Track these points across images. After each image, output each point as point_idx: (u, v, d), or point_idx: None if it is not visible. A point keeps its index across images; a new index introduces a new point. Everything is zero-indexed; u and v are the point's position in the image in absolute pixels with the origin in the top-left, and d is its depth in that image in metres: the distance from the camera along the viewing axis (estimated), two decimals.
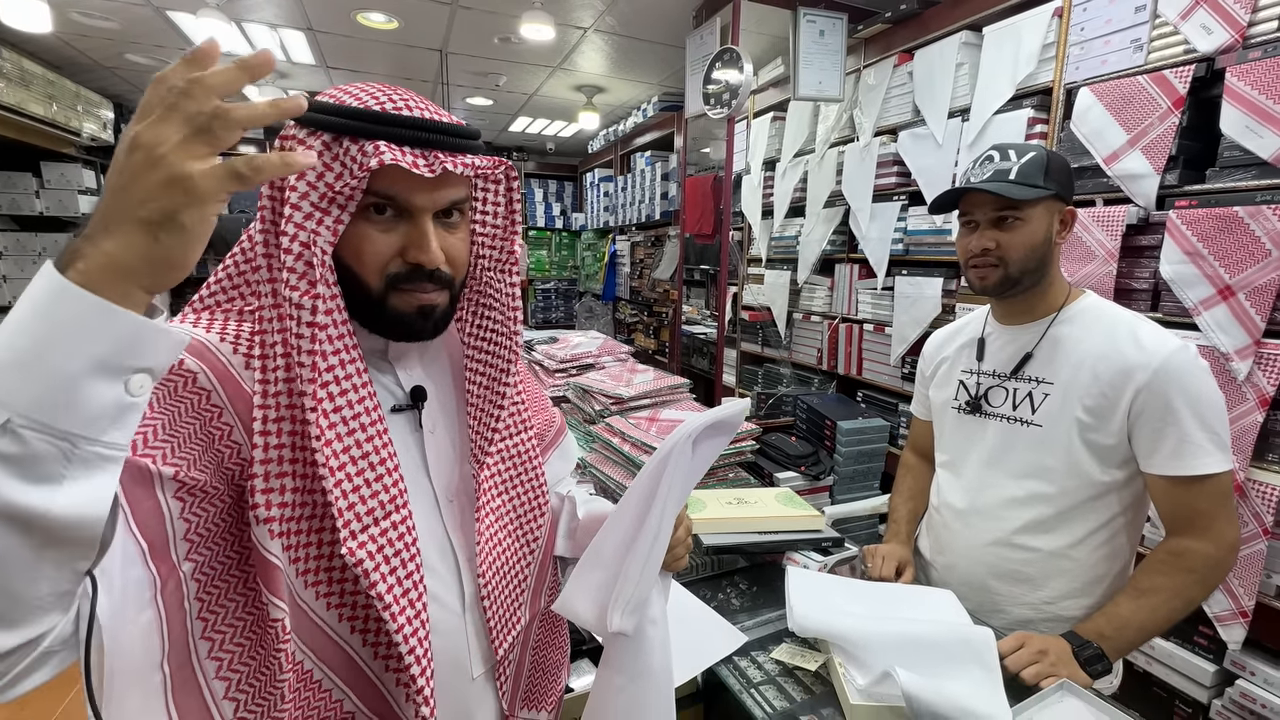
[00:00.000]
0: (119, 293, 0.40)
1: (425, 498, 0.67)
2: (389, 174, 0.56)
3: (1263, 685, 1.47)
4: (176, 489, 0.51)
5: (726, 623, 1.04)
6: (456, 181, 0.61)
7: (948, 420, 1.25)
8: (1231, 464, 0.98)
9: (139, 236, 0.40)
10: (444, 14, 3.09)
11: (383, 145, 0.55)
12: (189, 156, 0.40)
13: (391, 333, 0.64)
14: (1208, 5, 1.51)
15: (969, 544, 1.18)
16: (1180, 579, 0.99)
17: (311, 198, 0.56)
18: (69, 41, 3.52)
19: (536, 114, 5.13)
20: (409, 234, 0.60)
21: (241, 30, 3.32)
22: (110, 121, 4.29)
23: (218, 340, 0.57)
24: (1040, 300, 1.12)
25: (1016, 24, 1.96)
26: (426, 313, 0.62)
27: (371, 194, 0.57)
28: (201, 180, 0.40)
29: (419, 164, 0.56)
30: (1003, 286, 1.09)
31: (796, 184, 2.99)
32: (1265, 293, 1.40)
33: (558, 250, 6.66)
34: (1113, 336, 1.04)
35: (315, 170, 0.56)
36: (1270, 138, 1.38)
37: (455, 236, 0.63)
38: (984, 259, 1.08)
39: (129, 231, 0.40)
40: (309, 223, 0.56)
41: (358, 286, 0.60)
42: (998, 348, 1.18)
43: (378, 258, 0.59)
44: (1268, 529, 1.42)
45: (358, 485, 0.57)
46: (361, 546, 0.56)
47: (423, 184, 0.58)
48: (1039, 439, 1.09)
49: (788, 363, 3.20)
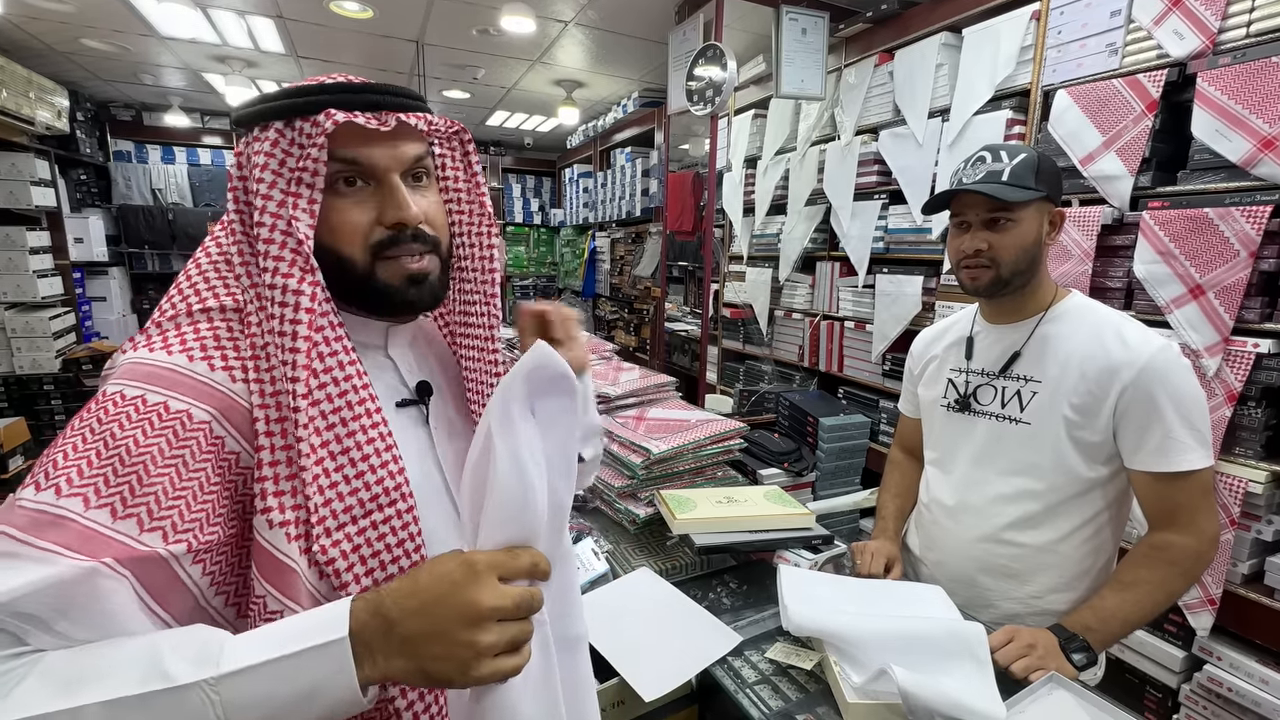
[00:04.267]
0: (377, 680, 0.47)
1: (438, 492, 0.66)
2: (346, 139, 0.57)
3: (1229, 670, 1.53)
4: (194, 559, 0.51)
5: (720, 623, 1.04)
6: (413, 136, 0.61)
7: (937, 418, 1.26)
8: (1212, 460, 1.01)
9: (419, 677, 0.47)
10: (421, 4, 3.02)
11: (332, 110, 0.55)
12: (493, 660, 0.47)
13: (386, 309, 0.63)
14: (1180, 11, 1.55)
15: (958, 540, 1.20)
16: (1163, 572, 1.01)
17: (279, 185, 0.56)
18: (20, 25, 3.35)
19: (515, 108, 5.07)
20: (382, 199, 0.59)
21: (207, 16, 3.20)
22: (65, 109, 4.10)
23: (188, 362, 0.54)
24: (1029, 300, 1.13)
25: (995, 26, 1.99)
26: (417, 279, 0.61)
27: (335, 162, 0.57)
28: (488, 675, 0.47)
29: (372, 120, 0.57)
30: (994, 287, 1.10)
31: (778, 182, 3.01)
32: (1234, 292, 1.45)
33: (536, 246, 6.60)
34: (1099, 336, 1.06)
35: (275, 158, 0.56)
36: (1239, 141, 1.43)
37: (427, 198, 0.63)
38: (976, 260, 1.09)
39: (412, 672, 0.46)
40: (283, 209, 0.56)
41: (342, 266, 0.59)
42: (986, 346, 1.19)
43: (356, 229, 0.59)
44: (1235, 520, 1.47)
45: (335, 481, 0.55)
46: (335, 545, 0.55)
47: (381, 141, 0.58)
48: (1027, 436, 1.10)
49: (769, 360, 3.22)
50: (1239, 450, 1.49)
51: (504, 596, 0.47)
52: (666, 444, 1.33)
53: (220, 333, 0.57)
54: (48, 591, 0.44)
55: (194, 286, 0.60)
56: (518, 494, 0.51)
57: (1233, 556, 1.50)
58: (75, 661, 0.44)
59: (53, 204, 3.92)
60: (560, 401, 0.57)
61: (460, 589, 0.47)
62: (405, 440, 0.62)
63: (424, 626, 0.46)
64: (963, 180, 1.09)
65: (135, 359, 0.54)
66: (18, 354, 3.71)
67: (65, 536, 0.46)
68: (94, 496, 0.48)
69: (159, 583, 0.49)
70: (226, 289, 0.59)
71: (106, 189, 5.15)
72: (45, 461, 0.49)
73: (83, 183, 4.87)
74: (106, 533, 0.47)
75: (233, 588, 0.55)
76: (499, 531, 0.52)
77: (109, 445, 0.49)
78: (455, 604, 0.46)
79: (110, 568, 0.46)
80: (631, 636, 0.98)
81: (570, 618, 0.65)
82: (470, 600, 0.46)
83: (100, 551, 0.46)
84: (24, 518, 0.46)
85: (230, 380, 0.55)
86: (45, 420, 3.75)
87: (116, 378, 0.53)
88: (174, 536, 0.49)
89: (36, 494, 0.47)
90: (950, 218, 1.15)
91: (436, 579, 0.48)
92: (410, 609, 0.46)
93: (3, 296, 3.64)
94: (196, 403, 0.52)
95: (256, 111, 0.57)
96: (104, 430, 0.49)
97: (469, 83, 4.36)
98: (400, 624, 0.46)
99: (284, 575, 0.52)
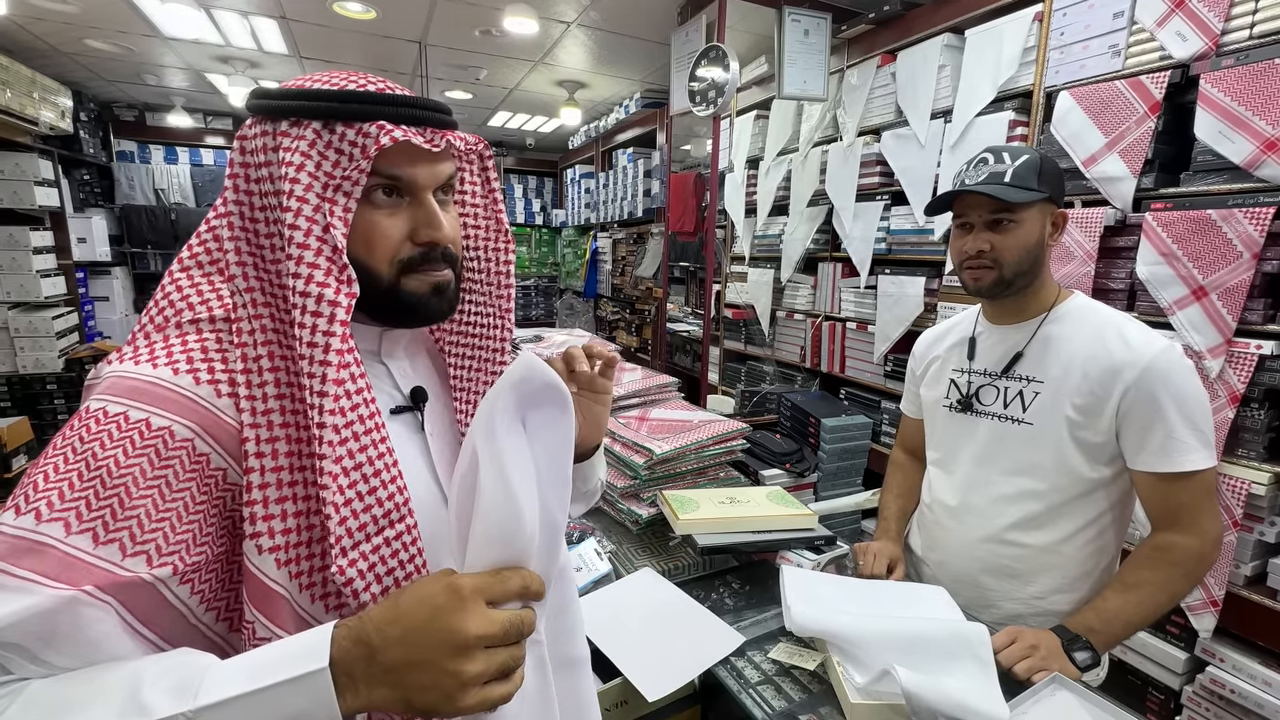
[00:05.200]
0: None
1: (434, 503, 0.64)
2: (391, 153, 0.55)
3: (1231, 671, 1.53)
4: (180, 580, 0.50)
5: (723, 623, 1.04)
6: (450, 157, 0.60)
7: (939, 419, 1.26)
8: (1215, 460, 1.01)
9: (403, 707, 0.45)
10: (424, 5, 3.03)
11: (387, 124, 0.53)
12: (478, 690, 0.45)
13: (406, 319, 0.61)
14: (1183, 13, 1.55)
15: (961, 541, 1.20)
16: (1166, 573, 1.01)
17: (315, 189, 0.53)
18: (24, 25, 3.36)
19: (517, 109, 5.07)
20: (415, 214, 0.58)
21: (210, 17, 3.21)
22: (69, 110, 4.11)
23: (171, 375, 0.52)
24: (1032, 300, 1.13)
25: (998, 27, 1.99)
26: (441, 289, 0.60)
27: (376, 175, 0.56)
28: (475, 705, 0.45)
29: (424, 140, 0.55)
30: (997, 288, 1.10)
31: (780, 183, 3.01)
32: (1236, 293, 1.45)
33: (538, 246, 6.61)
34: (1101, 336, 1.06)
35: (313, 160, 0.53)
36: (1242, 143, 1.43)
37: (451, 214, 0.63)
38: (979, 261, 1.09)
39: (396, 702, 0.45)
40: (319, 215, 0.53)
41: (368, 277, 0.57)
42: (988, 346, 1.19)
43: (388, 243, 0.57)
44: (1237, 521, 1.47)
45: (350, 499, 0.53)
46: (352, 565, 0.53)
47: (425, 160, 0.57)
48: (1030, 437, 1.10)
49: (771, 360, 3.22)
50: (1242, 452, 1.49)
51: (491, 623, 0.46)
52: (669, 444, 1.33)
53: (209, 344, 0.55)
54: (30, 622, 0.43)
55: (181, 292, 0.58)
56: (506, 513, 0.49)
57: (1235, 558, 1.50)
58: (56, 691, 0.43)
59: (56, 204, 3.93)
60: (550, 413, 0.54)
61: (444, 615, 0.45)
62: (402, 450, 0.60)
63: (407, 655, 0.44)
64: (965, 181, 1.10)
65: (119, 372, 0.52)
66: (21, 353, 3.72)
67: (44, 564, 0.45)
68: (75, 521, 0.46)
69: (145, 606, 0.48)
70: (217, 295, 0.57)
71: (110, 189, 5.16)
72: (27, 484, 0.48)
73: (86, 183, 4.88)
74: (88, 559, 0.46)
75: (223, 603, 0.54)
76: (487, 551, 0.49)
77: (90, 467, 0.48)
78: (439, 631, 0.45)
79: (92, 595, 0.45)
80: (634, 637, 0.98)
81: (569, 638, 0.62)
82: (455, 628, 0.45)
83: (80, 579, 0.45)
84: (4, 545, 0.45)
85: (216, 395, 0.53)
86: (48, 419, 3.76)
87: (100, 392, 0.51)
88: (158, 560, 0.48)
89: (16, 518, 0.46)
90: (953, 219, 1.15)
91: (418, 603, 0.46)
92: (393, 637, 0.45)
93: (6, 296, 3.65)
94: (178, 418, 0.51)
95: (293, 107, 0.53)
96: (85, 450, 0.48)
97: (471, 83, 4.37)
98: (382, 652, 0.45)
99: (272, 602, 0.51)
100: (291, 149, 0.53)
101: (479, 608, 0.46)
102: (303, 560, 0.54)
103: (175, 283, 0.58)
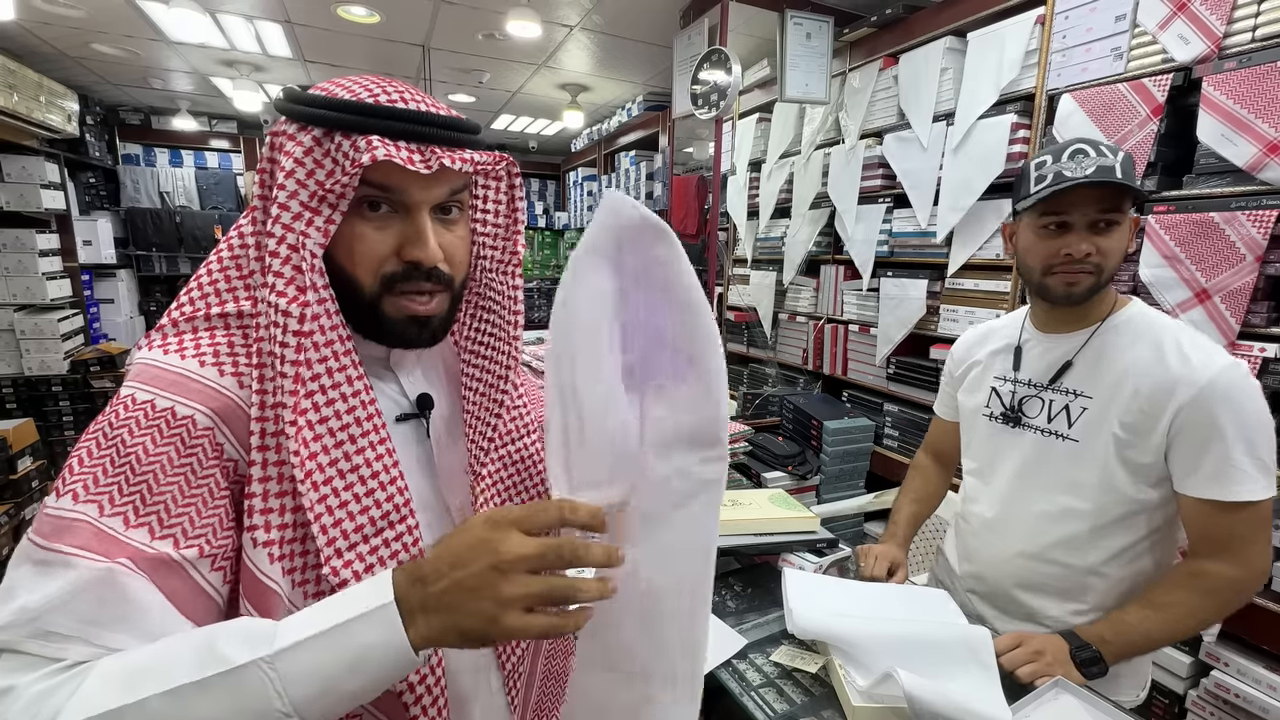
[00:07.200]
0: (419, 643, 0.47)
1: (436, 510, 0.64)
2: (384, 166, 0.54)
3: (1236, 676, 1.52)
4: (211, 565, 0.51)
5: (725, 625, 1.04)
6: (455, 175, 0.58)
7: (979, 427, 1.21)
8: (1275, 491, 0.93)
9: (455, 635, 0.47)
10: (427, 9, 3.04)
11: (375, 140, 0.52)
12: (521, 614, 0.47)
13: (387, 339, 0.61)
14: (1185, 16, 1.55)
15: (998, 554, 1.15)
16: (1198, 600, 0.96)
17: (300, 196, 0.53)
18: (31, 30, 3.39)
19: (520, 112, 5.09)
20: (405, 230, 0.57)
21: (216, 22, 3.23)
22: (75, 113, 4.13)
23: (198, 367, 0.54)
24: (1094, 307, 1.06)
25: (1000, 30, 1.99)
26: (420, 321, 0.59)
27: (366, 186, 0.54)
28: (518, 629, 0.47)
29: (414, 160, 0.53)
30: (1090, 295, 1.01)
31: (782, 185, 3.01)
32: (1239, 296, 1.44)
33: (540, 249, 6.61)
34: (1159, 349, 0.98)
35: (305, 168, 0.53)
36: (1244, 146, 1.43)
37: (454, 234, 0.60)
38: (1081, 265, 0.98)
39: (448, 629, 0.47)
40: (297, 224, 0.53)
41: (352, 289, 0.57)
42: (1036, 356, 1.12)
43: (372, 257, 0.56)
44: None
45: (345, 500, 0.54)
46: (347, 565, 0.54)
47: (419, 177, 0.55)
48: (1074, 454, 1.05)
49: (774, 363, 3.22)
50: None
51: (526, 545, 0.47)
52: None
53: (235, 339, 0.57)
54: (77, 599, 0.45)
55: (214, 286, 0.59)
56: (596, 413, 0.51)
57: None
58: (129, 661, 0.45)
59: (62, 207, 3.95)
60: (655, 253, 0.49)
61: (482, 539, 0.48)
62: (405, 457, 0.61)
63: (452, 581, 0.47)
64: (1065, 174, 0.96)
65: (149, 360, 0.55)
66: (27, 355, 3.73)
67: (83, 539, 0.47)
68: (108, 505, 0.49)
69: (180, 591, 0.49)
70: (246, 290, 0.59)
71: (115, 192, 5.18)
72: (65, 466, 0.50)
73: (91, 186, 4.90)
74: (120, 538, 0.48)
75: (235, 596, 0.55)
76: (573, 474, 0.52)
77: (120, 453, 0.50)
78: (477, 552, 0.47)
79: (127, 567, 0.47)
80: None
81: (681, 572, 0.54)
82: (491, 549, 0.47)
83: (116, 552, 0.47)
84: (48, 524, 0.48)
85: (238, 385, 0.55)
86: (53, 421, 3.78)
87: (131, 379, 0.54)
88: (185, 543, 0.50)
89: (57, 500, 0.48)
90: (1039, 216, 1.02)
91: (461, 533, 0.49)
92: (441, 568, 0.47)
93: (12, 298, 3.67)
94: (201, 407, 0.52)
95: (303, 113, 0.54)
96: (115, 436, 0.50)
97: (474, 87, 4.38)
98: (433, 582, 0.47)
99: (266, 598, 0.52)
100: (289, 153, 0.54)
101: (514, 533, 0.48)
102: (297, 557, 0.54)
103: (210, 275, 0.59)
